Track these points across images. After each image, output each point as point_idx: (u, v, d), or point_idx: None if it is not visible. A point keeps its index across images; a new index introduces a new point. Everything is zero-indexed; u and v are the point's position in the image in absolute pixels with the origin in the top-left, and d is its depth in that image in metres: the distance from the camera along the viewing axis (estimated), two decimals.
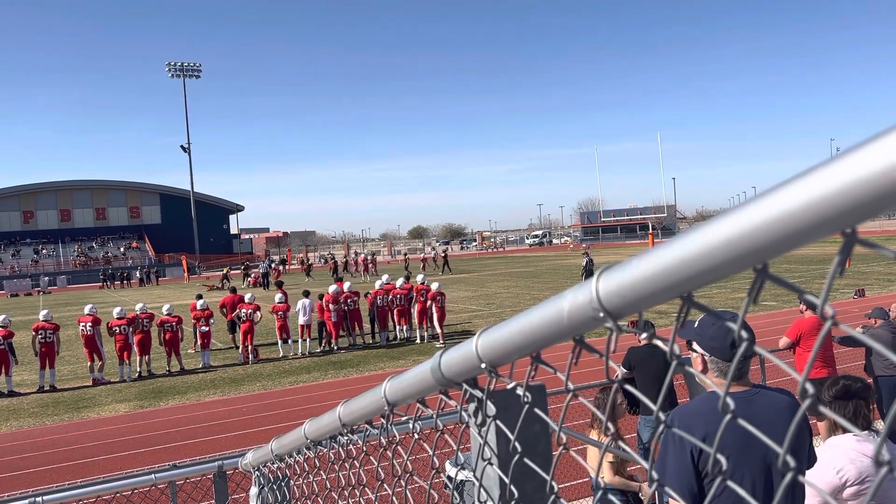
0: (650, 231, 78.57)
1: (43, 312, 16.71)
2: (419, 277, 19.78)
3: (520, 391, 1.01)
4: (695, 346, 2.87)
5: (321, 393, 13.66)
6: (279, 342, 18.22)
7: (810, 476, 3.00)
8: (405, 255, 62.25)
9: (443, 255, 52.59)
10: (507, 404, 1.04)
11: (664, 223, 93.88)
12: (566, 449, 0.93)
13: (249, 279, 48.48)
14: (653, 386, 6.97)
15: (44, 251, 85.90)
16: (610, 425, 0.83)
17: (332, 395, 13.28)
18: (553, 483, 0.97)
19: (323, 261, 59.34)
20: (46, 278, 71.61)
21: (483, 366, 0.97)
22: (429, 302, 18.44)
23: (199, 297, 18.83)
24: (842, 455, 3.21)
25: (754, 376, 2.95)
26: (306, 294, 18.62)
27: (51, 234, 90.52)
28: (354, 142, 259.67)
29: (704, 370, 2.84)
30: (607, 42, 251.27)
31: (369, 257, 52.26)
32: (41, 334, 15.94)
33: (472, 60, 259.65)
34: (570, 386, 0.88)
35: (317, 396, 13.35)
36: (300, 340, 18.21)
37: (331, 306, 17.96)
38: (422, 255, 60.14)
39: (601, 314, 0.72)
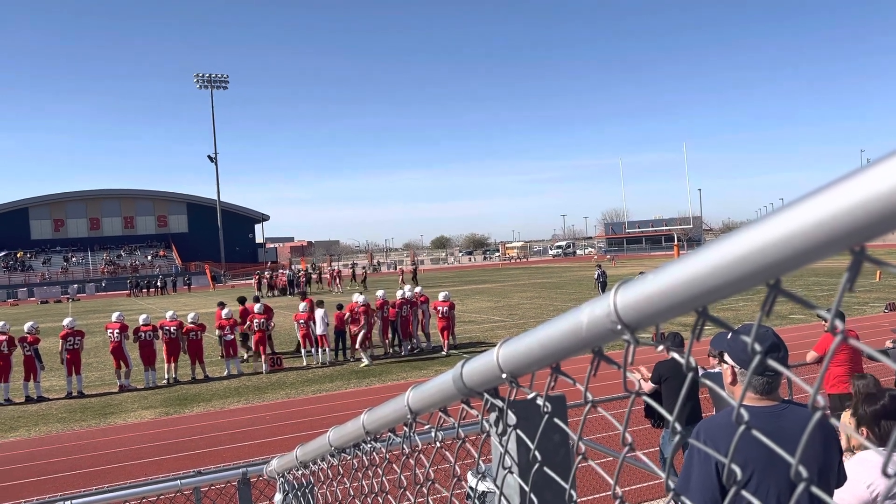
0: (675, 243, 77.93)
1: (67, 320, 16.95)
2: (379, 293, 19.62)
3: (540, 401, 1.03)
4: (726, 357, 2.85)
5: (344, 402, 13.71)
6: (302, 351, 18.34)
7: (841, 492, 2.96)
8: (363, 268, 61.97)
9: (412, 267, 53.92)
10: (527, 414, 1.06)
11: (690, 235, 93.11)
12: (585, 459, 0.95)
13: (275, 288, 49.15)
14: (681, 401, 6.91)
15: (73, 259, 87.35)
16: (628, 435, 0.84)
17: (354, 404, 13.32)
18: (573, 492, 0.99)
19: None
20: (76, 286, 72.85)
21: (504, 376, 0.99)
22: (426, 308, 18.75)
23: (222, 304, 19.05)
24: (872, 469, 3.16)
25: (781, 391, 2.92)
26: (320, 304, 18.65)
27: (80, 242, 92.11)
28: (379, 151, 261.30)
29: (734, 382, 2.82)
30: (632, 51, 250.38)
31: (334, 271, 53.51)
32: (69, 341, 16.20)
33: (496, 69, 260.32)
34: (590, 397, 0.90)
35: (339, 405, 13.41)
36: (319, 350, 18.26)
37: (361, 316, 18.00)
38: (400, 268, 60.61)
39: (619, 327, 0.74)
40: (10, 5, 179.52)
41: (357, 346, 17.90)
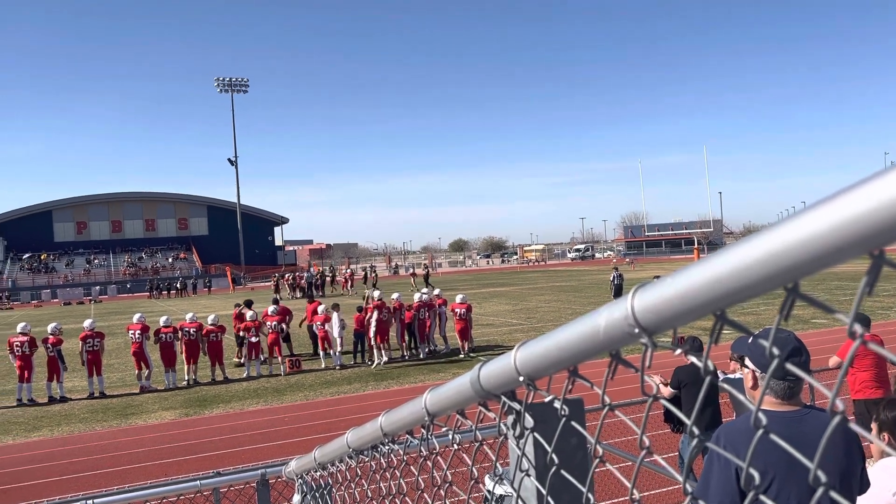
0: (696, 246, 77.30)
1: (87, 322, 17.16)
2: (394, 295, 19.67)
3: (557, 404, 1.03)
4: (747, 361, 2.84)
5: (362, 404, 13.76)
6: (321, 353, 18.42)
7: (864, 499, 2.93)
8: (374, 270, 61.83)
9: (424, 271, 55.57)
10: (544, 417, 1.06)
11: (710, 238, 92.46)
12: (603, 462, 0.95)
13: (296, 290, 49.67)
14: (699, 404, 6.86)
15: (96, 261, 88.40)
16: (645, 439, 0.84)
17: (372, 406, 13.36)
18: (590, 495, 0.99)
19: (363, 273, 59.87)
20: (98, 287, 73.78)
21: (521, 379, 0.99)
22: (444, 311, 19.18)
23: (238, 305, 19.18)
24: None
25: (804, 396, 2.90)
26: (336, 308, 18.65)
27: (103, 244, 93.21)
28: (398, 154, 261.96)
29: (755, 387, 2.81)
30: (651, 52, 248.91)
31: (348, 273, 54.22)
32: (88, 343, 16.39)
33: (515, 71, 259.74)
34: (607, 400, 0.90)
35: (357, 408, 13.45)
36: (335, 353, 18.27)
37: (372, 319, 18.03)
38: (411, 271, 60.73)
39: (636, 330, 0.74)
40: (27, 7, 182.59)
41: (371, 343, 17.96)
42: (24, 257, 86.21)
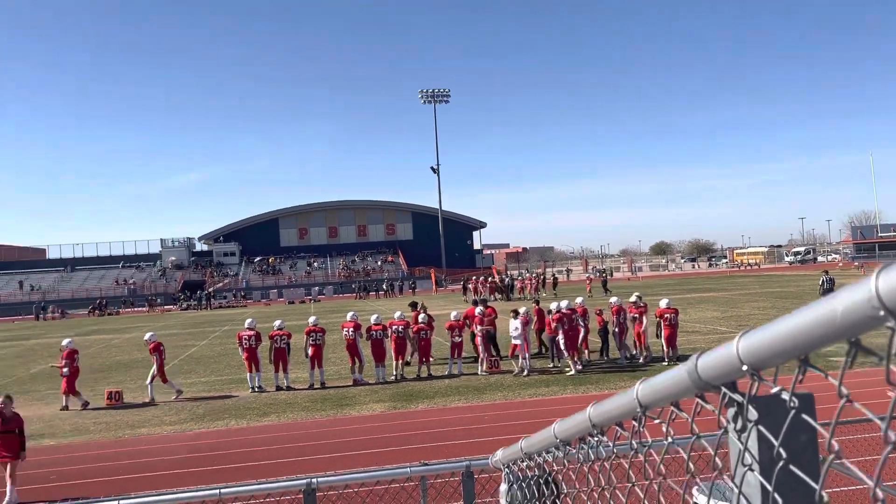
0: None
1: (311, 318, 18.74)
2: (578, 300, 19.25)
3: (785, 396, 0.97)
4: None
5: (560, 407, 13.71)
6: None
7: None
8: (553, 274, 59.81)
9: (553, 277, 55.51)
10: (770, 410, 1.01)
11: None
12: (838, 458, 0.88)
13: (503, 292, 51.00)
14: None
15: (315, 264, 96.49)
16: (891, 433, 0.77)
17: (570, 410, 13.05)
18: (823, 493, 0.92)
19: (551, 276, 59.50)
20: (317, 288, 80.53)
21: (745, 368, 0.95)
22: (656, 319, 18.63)
23: (414, 305, 19.96)
24: None
25: None
26: (515, 314, 18.48)
27: (321, 248, 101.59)
28: (596, 156, 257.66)
29: None
30: (878, 32, 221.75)
31: (530, 277, 54.03)
32: (312, 337, 17.91)
33: (716, 63, 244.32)
34: (844, 391, 0.84)
35: (555, 410, 13.40)
36: (511, 359, 18.27)
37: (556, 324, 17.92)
38: (588, 277, 58.73)
39: (881, 313, 0.68)
40: (262, 38, 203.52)
41: (565, 353, 17.81)
42: (256, 260, 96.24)
